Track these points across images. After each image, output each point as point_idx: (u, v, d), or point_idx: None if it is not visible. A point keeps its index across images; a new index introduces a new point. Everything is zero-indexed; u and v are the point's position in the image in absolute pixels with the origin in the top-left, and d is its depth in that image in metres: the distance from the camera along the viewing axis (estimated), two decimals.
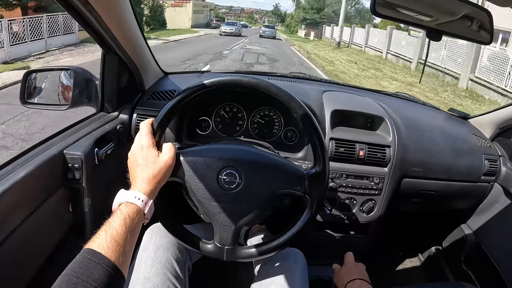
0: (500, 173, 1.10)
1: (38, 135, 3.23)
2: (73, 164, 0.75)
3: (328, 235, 1.04)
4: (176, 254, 0.70)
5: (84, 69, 0.93)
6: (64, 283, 0.39)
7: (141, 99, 0.98)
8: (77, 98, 0.90)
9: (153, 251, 0.69)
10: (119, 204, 0.50)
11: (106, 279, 0.40)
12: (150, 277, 0.65)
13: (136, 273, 0.66)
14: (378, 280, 1.24)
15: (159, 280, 0.64)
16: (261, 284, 0.72)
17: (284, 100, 0.59)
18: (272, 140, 0.99)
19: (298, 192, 0.60)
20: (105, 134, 0.85)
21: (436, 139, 1.05)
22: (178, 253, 0.71)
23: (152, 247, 0.70)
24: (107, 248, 0.43)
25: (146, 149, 0.56)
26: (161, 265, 0.67)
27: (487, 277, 1.12)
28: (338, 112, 0.96)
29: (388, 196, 0.97)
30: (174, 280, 0.66)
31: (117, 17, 0.75)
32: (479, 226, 1.19)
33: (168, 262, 0.68)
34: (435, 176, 1.02)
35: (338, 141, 0.92)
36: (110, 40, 0.78)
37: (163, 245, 0.70)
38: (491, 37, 0.73)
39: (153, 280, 0.64)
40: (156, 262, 0.67)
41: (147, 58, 0.97)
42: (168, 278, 0.65)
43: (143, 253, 0.70)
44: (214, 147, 0.63)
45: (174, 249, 0.71)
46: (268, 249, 0.63)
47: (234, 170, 0.59)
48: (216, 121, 1.00)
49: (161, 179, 0.55)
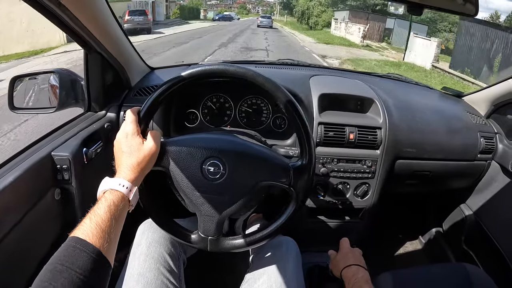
0: (497, 151, 1.08)
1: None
2: (61, 165, 0.75)
3: (323, 222, 1.03)
4: (169, 248, 0.71)
5: (69, 70, 0.93)
6: (49, 271, 0.39)
7: (127, 96, 0.98)
8: (65, 100, 0.90)
9: (145, 246, 0.69)
10: (103, 191, 0.50)
11: (91, 265, 0.40)
12: (143, 272, 0.65)
13: (130, 269, 0.67)
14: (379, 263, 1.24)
15: (153, 275, 0.65)
16: (254, 274, 0.72)
17: (270, 90, 0.58)
18: (261, 128, 0.98)
19: (282, 184, 0.60)
20: (93, 133, 0.85)
21: (429, 119, 1.03)
22: (171, 248, 0.71)
23: (145, 243, 0.70)
24: (92, 234, 0.42)
25: (130, 136, 0.56)
26: (154, 260, 0.67)
27: (488, 256, 1.11)
28: (326, 95, 0.95)
29: (382, 178, 0.96)
30: (168, 275, 0.67)
31: (93, 15, 0.74)
32: (478, 205, 1.17)
33: (161, 257, 0.68)
34: (429, 156, 1.01)
35: (327, 125, 0.91)
36: (89, 39, 0.78)
37: (156, 240, 0.70)
38: (477, 9, 0.71)
39: (146, 275, 0.64)
40: (149, 258, 0.67)
41: (130, 55, 0.97)
42: (161, 273, 0.66)
43: (136, 249, 0.70)
44: (199, 136, 0.63)
45: (167, 244, 0.71)
46: (252, 240, 0.63)
47: (218, 160, 0.58)
48: (204, 113, 0.99)
49: (145, 166, 0.55)
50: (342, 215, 1.03)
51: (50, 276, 0.38)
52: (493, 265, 1.07)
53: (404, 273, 0.84)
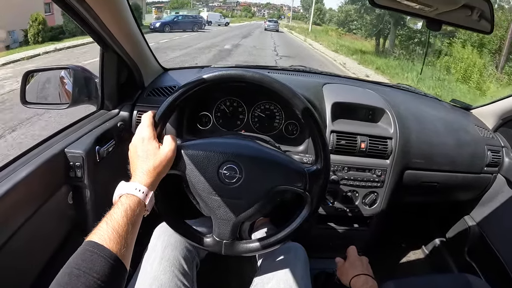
0: (503, 164, 1.09)
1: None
2: (74, 162, 0.75)
3: (331, 228, 1.04)
4: (184, 252, 0.71)
5: (83, 67, 0.93)
6: (66, 275, 0.39)
7: (141, 96, 0.98)
8: (77, 97, 0.90)
9: (161, 250, 0.69)
10: (119, 196, 0.50)
11: (108, 270, 0.40)
12: (158, 275, 0.65)
13: (144, 271, 0.67)
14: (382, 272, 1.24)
15: (167, 277, 0.65)
16: (262, 278, 0.72)
17: (287, 96, 0.59)
18: (273, 134, 0.99)
19: (298, 189, 0.60)
20: (106, 131, 0.85)
21: (438, 130, 1.04)
22: (186, 251, 0.72)
23: (160, 246, 0.70)
24: (109, 239, 0.43)
25: (146, 141, 0.56)
26: (169, 263, 0.67)
27: (490, 268, 1.12)
28: (339, 104, 0.95)
29: (390, 188, 0.97)
30: (182, 278, 0.67)
31: (114, 14, 0.75)
32: (482, 217, 1.18)
33: (176, 260, 0.68)
34: (437, 167, 1.02)
35: (339, 134, 0.92)
36: (108, 38, 0.78)
37: (171, 244, 0.70)
38: (492, 26, 0.73)
39: (161, 278, 0.64)
40: (164, 261, 0.67)
41: (146, 55, 0.97)
42: (175, 276, 0.66)
43: (152, 252, 0.70)
44: (216, 141, 0.63)
45: (182, 247, 0.71)
46: (266, 244, 0.63)
47: (235, 164, 0.59)
48: (217, 116, 1.00)
49: (161, 171, 0.55)
50: (350, 222, 1.04)
51: (68, 280, 0.38)
52: (495, 277, 1.08)
53: (406, 282, 0.85)
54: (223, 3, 74.21)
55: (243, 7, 77.62)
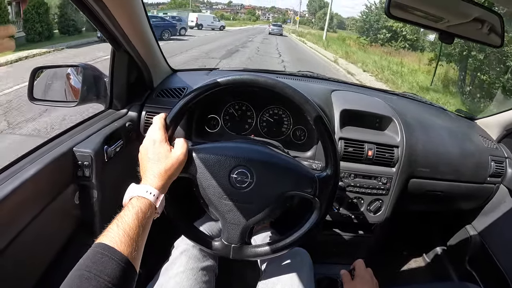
0: (506, 175, 1.10)
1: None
2: (82, 161, 0.75)
3: (336, 234, 1.04)
4: (207, 262, 0.72)
5: (92, 65, 0.93)
6: (77, 278, 0.38)
7: (150, 96, 0.98)
8: (86, 95, 0.90)
9: (185, 260, 0.70)
10: (130, 198, 0.50)
11: (119, 273, 0.40)
12: (180, 281, 0.66)
13: (166, 278, 0.67)
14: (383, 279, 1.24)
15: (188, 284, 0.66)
16: (267, 283, 0.72)
17: (299, 102, 0.59)
18: (281, 139, 0.99)
19: (308, 195, 0.60)
20: (114, 131, 0.85)
21: (444, 140, 1.05)
22: (209, 262, 0.73)
23: (185, 258, 0.71)
24: (120, 242, 0.42)
25: (158, 143, 0.56)
26: (193, 272, 0.68)
27: (491, 278, 1.12)
28: (347, 111, 0.96)
29: (395, 196, 0.98)
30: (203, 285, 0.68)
31: (128, 14, 0.75)
32: (484, 227, 1.19)
33: (199, 271, 0.69)
34: (442, 176, 1.03)
35: (347, 141, 0.92)
36: (121, 37, 0.78)
37: (195, 256, 0.71)
38: (502, 40, 0.73)
39: (183, 284, 0.65)
40: (188, 269, 0.68)
41: (157, 55, 0.97)
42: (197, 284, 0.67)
43: (175, 261, 0.70)
44: (227, 145, 0.63)
45: (207, 257, 0.73)
46: (275, 248, 0.63)
47: (246, 169, 0.59)
48: (225, 119, 1.00)
49: (172, 174, 0.55)
50: (354, 229, 1.04)
51: (78, 282, 0.38)
52: (495, 287, 1.09)
53: None
54: (227, 6, 73.61)
55: (247, 10, 76.80)
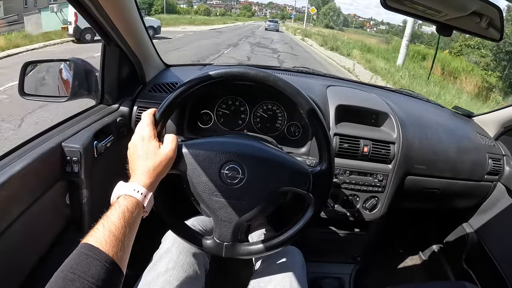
0: (504, 173, 1.09)
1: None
2: (71, 157, 0.73)
3: (329, 232, 1.03)
4: (198, 258, 0.71)
5: (84, 60, 0.91)
6: (61, 279, 0.38)
7: (142, 91, 0.96)
8: (77, 90, 0.88)
9: (176, 254, 0.69)
10: (117, 197, 0.49)
11: (104, 274, 0.39)
12: (170, 280, 0.64)
13: (156, 275, 0.66)
14: (379, 277, 1.24)
15: (180, 283, 0.64)
16: (259, 282, 0.71)
17: (291, 94, 0.57)
18: (275, 135, 0.97)
19: (301, 190, 0.59)
20: (105, 126, 0.84)
21: (440, 137, 1.04)
22: (200, 257, 0.71)
23: (176, 251, 0.69)
24: (105, 242, 0.41)
25: (147, 140, 0.54)
26: (183, 269, 0.66)
27: (487, 276, 1.12)
28: (343, 107, 0.94)
29: (391, 193, 0.96)
30: (194, 282, 0.67)
31: (119, 7, 0.73)
32: (480, 225, 1.18)
33: (190, 266, 0.68)
34: (439, 174, 1.01)
35: (342, 137, 0.91)
36: (112, 31, 0.77)
37: (186, 249, 0.70)
38: (501, 34, 0.72)
39: (173, 283, 0.64)
40: (178, 266, 0.67)
41: (149, 50, 0.96)
42: (189, 282, 0.66)
43: (165, 256, 0.69)
44: (218, 140, 0.61)
45: (197, 253, 0.71)
46: (268, 246, 0.62)
47: (237, 165, 0.57)
48: (218, 115, 0.98)
49: (161, 171, 0.53)
50: (349, 226, 1.03)
51: (62, 284, 0.37)
52: (492, 286, 1.08)
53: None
54: (221, 1, 71.26)
55: (242, 6, 74.66)
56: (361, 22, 77.01)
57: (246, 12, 70.54)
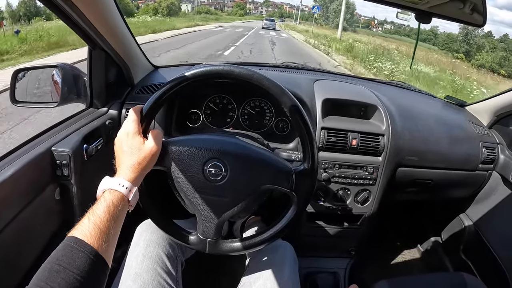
0: (498, 161, 1.08)
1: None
2: (61, 160, 0.74)
3: (321, 227, 1.02)
4: (167, 249, 0.70)
5: (71, 65, 0.92)
6: (47, 270, 0.39)
7: (130, 94, 0.97)
8: (67, 95, 0.90)
9: (143, 247, 0.69)
10: (103, 191, 0.50)
11: (89, 266, 0.40)
12: (140, 273, 0.64)
13: (127, 269, 0.66)
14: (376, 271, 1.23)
15: (150, 275, 0.64)
16: (250, 278, 0.71)
17: (276, 93, 0.57)
18: (264, 131, 0.98)
19: (284, 189, 0.59)
20: (94, 130, 0.85)
21: (432, 127, 1.03)
22: (169, 249, 0.71)
23: (143, 243, 0.69)
24: (90, 235, 0.42)
25: (131, 135, 0.55)
26: (152, 261, 0.67)
27: (486, 266, 1.11)
28: (330, 100, 0.94)
29: (383, 186, 0.96)
30: (165, 276, 0.66)
31: (99, 11, 0.74)
32: (477, 215, 1.17)
33: (159, 258, 0.68)
34: (431, 164, 1.01)
35: (330, 130, 0.91)
36: (95, 35, 0.77)
37: (154, 241, 0.70)
38: (484, 19, 0.71)
39: (143, 276, 0.64)
40: (147, 258, 0.67)
41: (135, 52, 0.96)
42: (158, 274, 0.65)
43: (134, 249, 0.69)
44: (201, 137, 0.62)
45: (165, 245, 0.71)
46: (251, 244, 0.62)
47: (220, 162, 0.58)
48: (206, 114, 0.99)
49: (145, 166, 0.54)
50: (342, 221, 1.03)
51: (48, 275, 0.38)
52: (491, 276, 1.07)
53: (401, 282, 0.84)
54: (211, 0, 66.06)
55: (235, 4, 68.27)
56: (367, 21, 73.08)
57: (238, 10, 64.84)
